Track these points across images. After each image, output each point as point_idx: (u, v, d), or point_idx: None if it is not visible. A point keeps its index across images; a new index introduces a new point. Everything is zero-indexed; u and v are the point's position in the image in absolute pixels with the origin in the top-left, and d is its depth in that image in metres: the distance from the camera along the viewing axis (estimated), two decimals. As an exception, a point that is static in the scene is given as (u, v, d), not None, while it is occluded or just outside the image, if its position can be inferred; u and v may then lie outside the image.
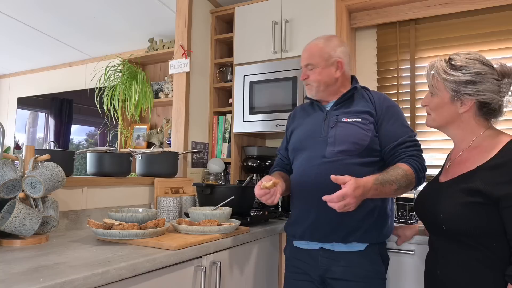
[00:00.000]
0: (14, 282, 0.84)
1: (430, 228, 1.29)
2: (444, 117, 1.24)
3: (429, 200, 1.26)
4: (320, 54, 1.54)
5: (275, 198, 1.41)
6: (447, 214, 1.15)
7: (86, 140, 4.28)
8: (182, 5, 2.49)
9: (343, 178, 1.24)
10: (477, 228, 1.10)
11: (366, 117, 1.49)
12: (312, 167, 1.48)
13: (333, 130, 1.49)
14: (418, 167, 1.39)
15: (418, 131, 2.41)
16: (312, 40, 1.61)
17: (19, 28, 3.44)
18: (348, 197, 1.21)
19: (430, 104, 1.27)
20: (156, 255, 1.16)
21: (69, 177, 1.63)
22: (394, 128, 1.48)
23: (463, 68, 1.18)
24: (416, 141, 1.48)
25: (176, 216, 1.96)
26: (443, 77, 1.20)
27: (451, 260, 1.18)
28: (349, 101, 1.55)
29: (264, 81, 2.42)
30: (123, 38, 3.57)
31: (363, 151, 1.45)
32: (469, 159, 1.19)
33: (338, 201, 1.22)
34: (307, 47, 1.59)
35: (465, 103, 1.19)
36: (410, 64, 2.48)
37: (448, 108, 1.22)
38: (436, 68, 1.23)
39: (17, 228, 1.24)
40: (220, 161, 2.51)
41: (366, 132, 1.46)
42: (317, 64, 1.53)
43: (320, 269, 1.46)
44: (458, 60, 1.20)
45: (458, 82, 1.18)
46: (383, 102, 1.53)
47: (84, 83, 4.08)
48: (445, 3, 2.29)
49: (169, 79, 3.10)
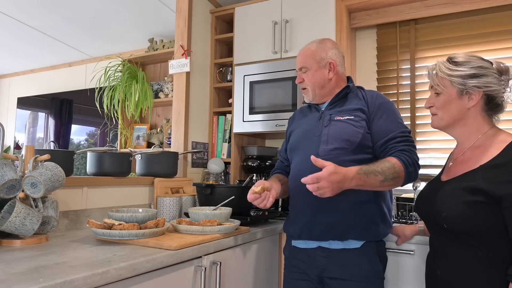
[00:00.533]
0: (14, 282, 0.84)
1: (431, 227, 1.29)
2: (452, 114, 1.22)
3: (430, 199, 1.26)
4: (312, 57, 1.58)
5: (267, 202, 1.45)
6: (448, 212, 1.15)
7: (86, 140, 4.28)
8: (182, 5, 2.49)
9: (322, 162, 1.26)
10: (478, 227, 1.10)
11: (358, 114, 1.50)
12: (307, 165, 1.48)
13: (326, 128, 1.51)
14: (407, 161, 1.38)
15: (418, 131, 2.41)
16: (306, 44, 1.65)
17: (19, 28, 3.44)
18: (322, 180, 1.23)
19: (436, 103, 1.26)
20: (156, 255, 1.16)
21: (69, 177, 1.63)
22: (385, 124, 1.48)
23: (466, 63, 1.20)
24: (408, 136, 1.47)
25: (176, 216, 1.96)
26: (448, 74, 1.21)
27: (452, 260, 1.18)
28: (342, 100, 1.58)
29: (264, 81, 2.42)
30: (123, 38, 3.57)
31: (355, 148, 1.46)
32: (471, 158, 1.19)
33: (312, 183, 1.24)
34: (301, 51, 1.63)
35: (473, 96, 1.19)
36: (410, 64, 2.48)
37: (456, 103, 1.21)
38: (438, 67, 1.24)
39: (17, 228, 1.24)
40: (220, 161, 2.51)
41: (358, 129, 1.47)
42: (310, 66, 1.57)
43: (318, 268, 1.47)
44: (459, 58, 1.22)
45: (463, 76, 1.19)
46: (375, 99, 1.53)
47: (84, 83, 4.08)
48: (445, 3, 2.29)
49: (169, 79, 3.10)
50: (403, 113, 2.44)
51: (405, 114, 2.44)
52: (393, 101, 2.46)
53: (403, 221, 1.93)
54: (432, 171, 2.26)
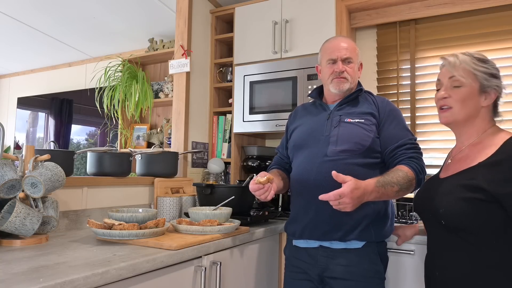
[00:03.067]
0: (14, 282, 0.84)
1: (429, 225, 1.28)
2: (469, 109, 1.20)
3: (428, 196, 1.26)
4: (356, 52, 1.59)
5: (269, 194, 1.42)
6: (446, 209, 1.15)
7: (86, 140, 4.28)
8: (182, 5, 2.49)
9: (343, 177, 1.25)
10: (476, 224, 1.10)
11: (369, 118, 1.51)
12: (313, 165, 1.49)
13: (336, 129, 1.50)
14: (418, 169, 1.40)
15: (418, 131, 2.41)
16: (338, 36, 1.65)
17: (19, 28, 3.44)
18: (345, 197, 1.23)
19: (455, 95, 1.20)
20: (156, 255, 1.16)
21: (69, 177, 1.63)
22: (395, 131, 1.49)
23: (488, 62, 1.21)
24: (416, 144, 1.49)
25: (176, 216, 1.96)
26: (474, 67, 1.19)
27: (450, 260, 1.17)
28: (353, 102, 1.57)
29: (264, 81, 2.42)
30: (123, 38, 3.57)
31: (364, 152, 1.46)
32: (470, 156, 1.19)
33: (334, 199, 1.23)
34: (342, 40, 1.59)
35: (489, 96, 1.20)
36: (410, 64, 2.48)
37: (475, 100, 1.19)
38: (462, 59, 1.21)
39: (17, 228, 1.24)
40: (220, 161, 2.51)
41: (368, 133, 1.47)
42: (354, 60, 1.58)
43: (318, 268, 1.46)
44: (479, 55, 1.22)
45: (488, 73, 1.19)
46: (386, 106, 1.55)
47: (84, 83, 4.08)
48: (445, 3, 2.29)
49: (169, 79, 3.10)
50: (403, 113, 2.43)
51: (405, 114, 2.44)
52: (393, 101, 2.47)
53: (403, 221, 1.93)
54: (432, 171, 2.25)
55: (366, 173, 1.42)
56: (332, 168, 1.41)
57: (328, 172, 1.41)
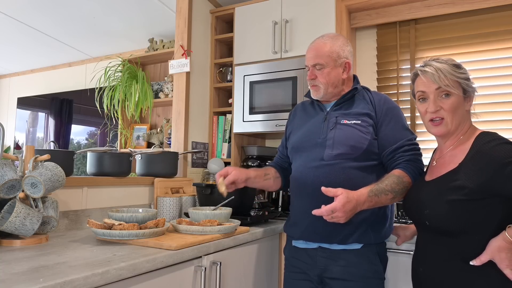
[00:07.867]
0: (14, 282, 0.84)
1: (416, 225, 1.32)
2: (459, 117, 1.21)
3: (414, 198, 1.29)
4: (329, 54, 1.49)
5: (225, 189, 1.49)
6: (431, 210, 1.18)
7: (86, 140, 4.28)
8: (182, 5, 2.49)
9: (334, 191, 1.26)
10: (460, 225, 1.12)
11: (366, 119, 1.48)
12: (310, 169, 1.48)
13: (332, 132, 1.48)
14: (414, 172, 1.39)
15: (418, 131, 2.41)
16: (317, 39, 1.56)
17: (19, 28, 3.44)
18: (337, 211, 1.23)
19: (445, 106, 1.20)
20: (156, 255, 1.16)
21: (69, 177, 1.63)
22: (393, 132, 1.47)
23: (462, 66, 1.23)
24: (415, 145, 1.47)
25: (176, 216, 1.96)
26: (456, 75, 1.20)
27: (432, 257, 1.20)
28: (349, 102, 1.54)
29: (264, 81, 2.42)
30: (123, 38, 3.57)
31: (361, 155, 1.44)
32: (452, 158, 1.21)
33: (327, 214, 1.25)
34: (314, 46, 1.53)
35: (470, 100, 1.23)
36: (410, 64, 2.48)
37: (462, 107, 1.21)
38: (442, 68, 1.20)
39: (17, 228, 1.24)
40: (220, 161, 2.51)
41: (365, 135, 1.45)
42: (327, 64, 1.50)
43: (318, 268, 1.46)
44: (452, 61, 1.24)
45: (467, 78, 1.21)
46: (383, 104, 1.51)
47: (84, 83, 4.08)
48: (445, 3, 2.29)
49: (169, 79, 3.10)
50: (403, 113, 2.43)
51: (405, 114, 2.41)
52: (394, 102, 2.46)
53: (403, 221, 1.94)
54: (432, 171, 2.25)
55: (363, 176, 1.42)
56: (329, 172, 1.42)
57: (325, 177, 1.41)
